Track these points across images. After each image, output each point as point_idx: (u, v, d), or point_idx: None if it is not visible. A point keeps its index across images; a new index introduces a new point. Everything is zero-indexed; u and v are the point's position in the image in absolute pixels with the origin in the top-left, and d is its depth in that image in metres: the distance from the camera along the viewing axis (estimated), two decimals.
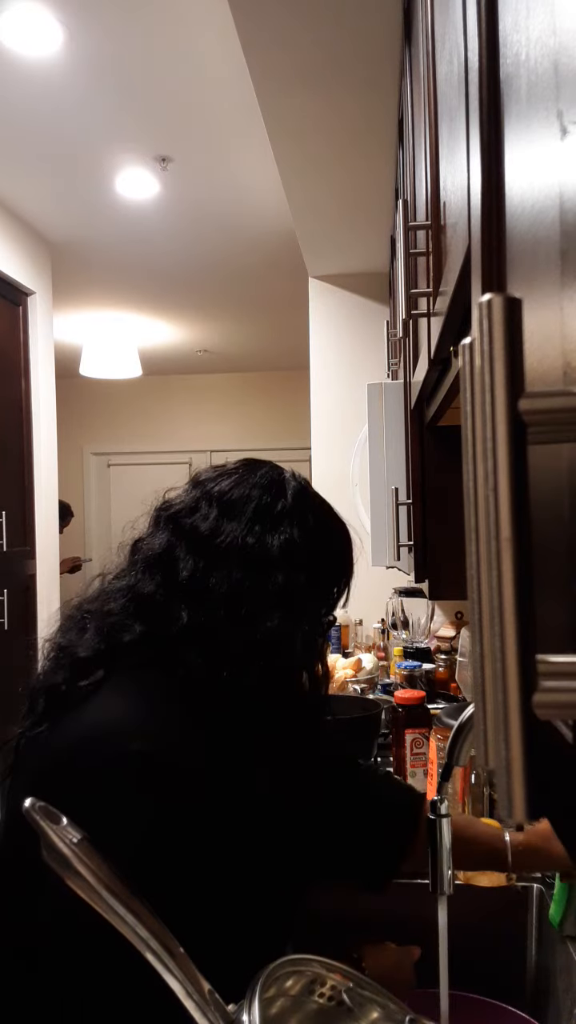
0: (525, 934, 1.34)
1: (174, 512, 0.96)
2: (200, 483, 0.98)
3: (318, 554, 0.96)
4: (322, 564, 0.97)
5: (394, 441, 1.92)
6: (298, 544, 0.92)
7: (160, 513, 0.98)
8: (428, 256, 0.98)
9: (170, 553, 0.93)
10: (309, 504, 0.98)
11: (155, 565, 0.93)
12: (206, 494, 0.96)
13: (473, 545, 0.24)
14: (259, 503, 0.94)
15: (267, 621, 0.88)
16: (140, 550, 0.97)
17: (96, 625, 0.92)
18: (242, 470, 0.99)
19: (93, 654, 0.90)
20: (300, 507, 0.96)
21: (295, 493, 0.97)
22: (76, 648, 0.91)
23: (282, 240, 3.72)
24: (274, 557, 0.90)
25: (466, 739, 1.05)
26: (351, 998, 0.80)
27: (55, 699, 0.88)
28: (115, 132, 2.86)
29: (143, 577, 0.93)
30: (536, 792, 0.23)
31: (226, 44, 2.26)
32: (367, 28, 1.82)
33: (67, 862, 0.69)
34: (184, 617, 0.88)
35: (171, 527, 0.95)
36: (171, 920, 0.70)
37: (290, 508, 0.95)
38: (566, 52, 0.31)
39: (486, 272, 0.47)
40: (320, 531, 0.97)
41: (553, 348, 0.32)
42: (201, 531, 0.92)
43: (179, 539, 0.93)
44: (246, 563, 0.90)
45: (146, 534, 0.99)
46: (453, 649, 2.48)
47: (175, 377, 6.92)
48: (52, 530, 3.97)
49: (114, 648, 0.90)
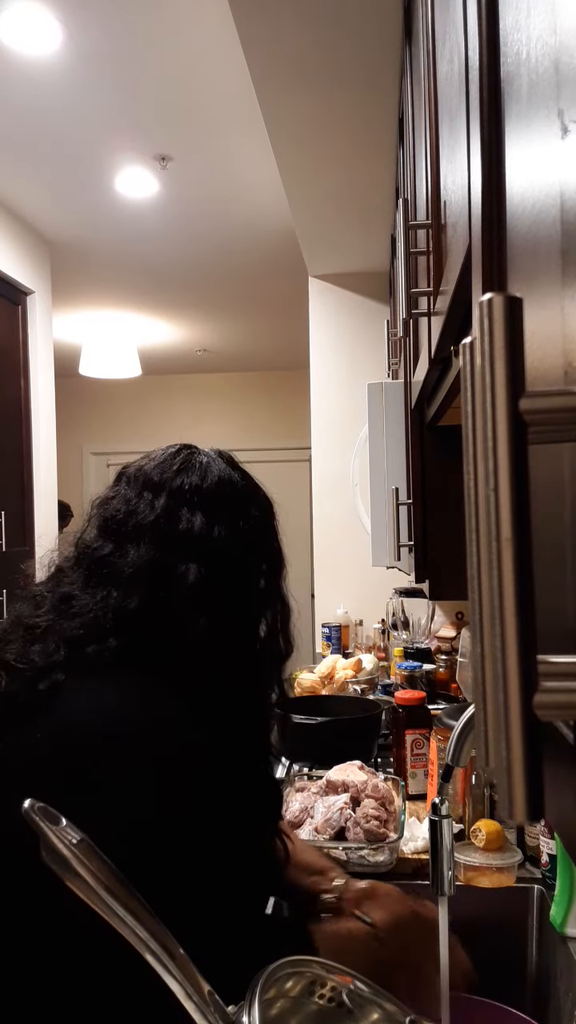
0: (526, 935, 1.34)
1: (100, 501, 1.00)
2: (122, 477, 1.03)
3: (230, 524, 0.96)
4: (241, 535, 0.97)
5: (394, 441, 1.92)
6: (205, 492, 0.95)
7: (92, 504, 1.02)
8: (429, 255, 0.98)
9: (98, 543, 0.95)
10: (215, 475, 0.99)
11: (81, 558, 0.95)
12: (124, 478, 1.01)
13: (473, 545, 0.24)
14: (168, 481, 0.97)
15: (190, 574, 0.90)
16: (78, 545, 0.98)
17: (53, 640, 0.90)
18: (151, 456, 1.02)
19: (49, 664, 0.88)
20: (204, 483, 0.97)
21: (202, 467, 0.99)
22: (31, 654, 0.89)
23: (282, 239, 3.72)
24: (183, 535, 0.92)
25: (467, 740, 1.05)
26: (351, 999, 0.80)
27: (13, 708, 0.86)
28: (114, 131, 2.86)
29: (71, 575, 0.95)
30: (537, 792, 0.23)
31: (226, 43, 2.26)
32: (367, 28, 1.82)
33: (66, 863, 0.68)
34: (114, 594, 0.89)
35: (97, 517, 0.98)
36: (171, 921, 0.70)
37: (194, 485, 0.96)
38: (567, 51, 0.31)
39: (487, 271, 0.47)
40: (228, 501, 0.98)
41: (554, 347, 0.32)
42: (119, 516, 0.95)
43: (103, 527, 0.96)
44: (157, 542, 0.92)
45: (81, 529, 1.01)
46: (454, 649, 2.48)
47: (175, 377, 6.91)
48: (52, 530, 3.96)
49: (72, 656, 0.88)
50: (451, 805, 1.23)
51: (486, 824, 1.38)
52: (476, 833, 1.38)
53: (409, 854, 1.42)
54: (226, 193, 3.35)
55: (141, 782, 0.82)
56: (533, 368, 0.34)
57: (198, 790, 0.85)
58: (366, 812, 1.43)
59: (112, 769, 0.81)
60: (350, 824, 1.42)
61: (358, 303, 3.73)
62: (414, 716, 1.73)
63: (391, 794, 1.52)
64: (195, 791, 0.84)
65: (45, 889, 0.72)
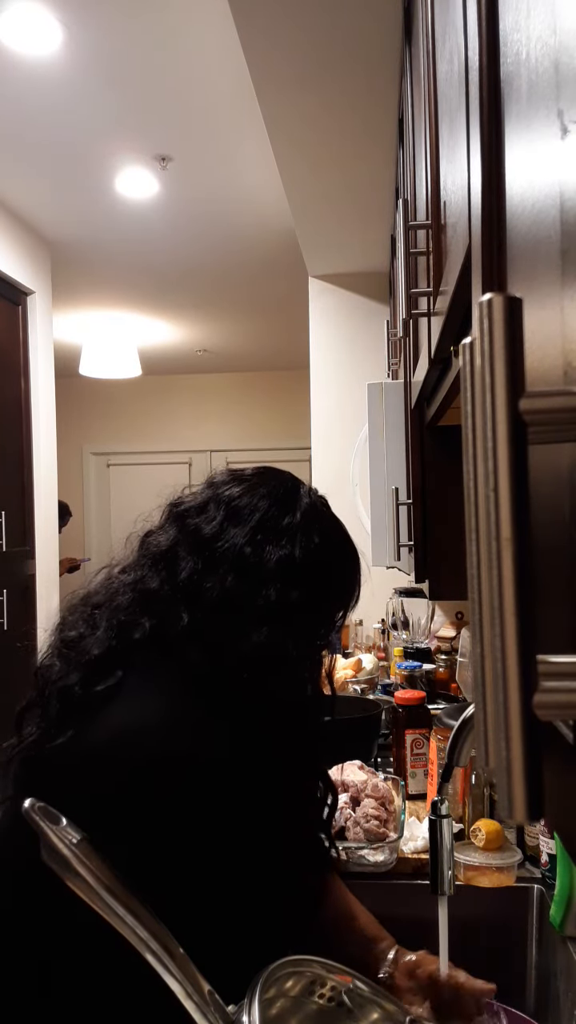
0: (526, 935, 1.34)
1: (183, 510, 0.96)
2: (213, 484, 0.98)
3: (319, 575, 0.94)
4: (322, 585, 0.95)
5: (394, 441, 1.92)
6: (297, 561, 0.91)
7: (171, 509, 0.98)
8: (428, 255, 0.98)
9: (174, 551, 0.93)
10: (318, 523, 0.96)
11: (160, 561, 0.93)
12: (216, 496, 0.95)
13: (473, 545, 0.24)
14: (265, 514, 0.93)
15: (254, 634, 0.87)
16: (148, 544, 0.97)
17: (107, 620, 0.91)
18: (256, 478, 0.98)
19: (106, 652, 0.88)
20: (308, 525, 0.94)
21: (306, 510, 0.96)
22: (88, 644, 0.90)
23: (282, 240, 3.72)
24: (269, 570, 0.90)
25: (466, 739, 1.05)
26: (351, 999, 0.80)
27: (70, 704, 0.86)
28: (115, 131, 2.86)
29: (149, 573, 0.93)
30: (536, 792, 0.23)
31: (226, 43, 2.26)
32: (367, 28, 1.82)
33: (67, 863, 0.68)
34: (184, 618, 0.88)
35: (178, 525, 0.95)
36: (171, 921, 0.70)
37: (297, 524, 0.94)
38: (566, 51, 0.31)
39: (486, 271, 0.47)
40: (325, 552, 0.95)
41: (553, 348, 0.32)
42: (204, 532, 0.92)
43: (183, 538, 0.93)
44: (240, 571, 0.89)
45: (156, 528, 0.98)
46: (453, 649, 2.48)
47: (175, 377, 6.91)
48: (51, 530, 3.96)
49: (126, 646, 0.89)
50: (451, 805, 1.23)
51: (486, 824, 1.38)
52: (476, 833, 1.38)
53: (409, 854, 1.42)
54: (226, 193, 3.35)
55: (182, 793, 0.80)
56: (533, 368, 0.34)
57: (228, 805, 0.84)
58: (366, 812, 1.43)
59: (161, 779, 0.80)
60: (350, 824, 1.42)
61: (358, 303, 3.73)
62: (414, 716, 1.73)
63: (391, 794, 1.52)
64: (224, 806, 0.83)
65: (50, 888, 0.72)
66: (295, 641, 0.91)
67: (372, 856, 1.39)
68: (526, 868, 1.37)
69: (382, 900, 1.22)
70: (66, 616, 0.96)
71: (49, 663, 0.92)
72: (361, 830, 1.41)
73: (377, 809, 1.44)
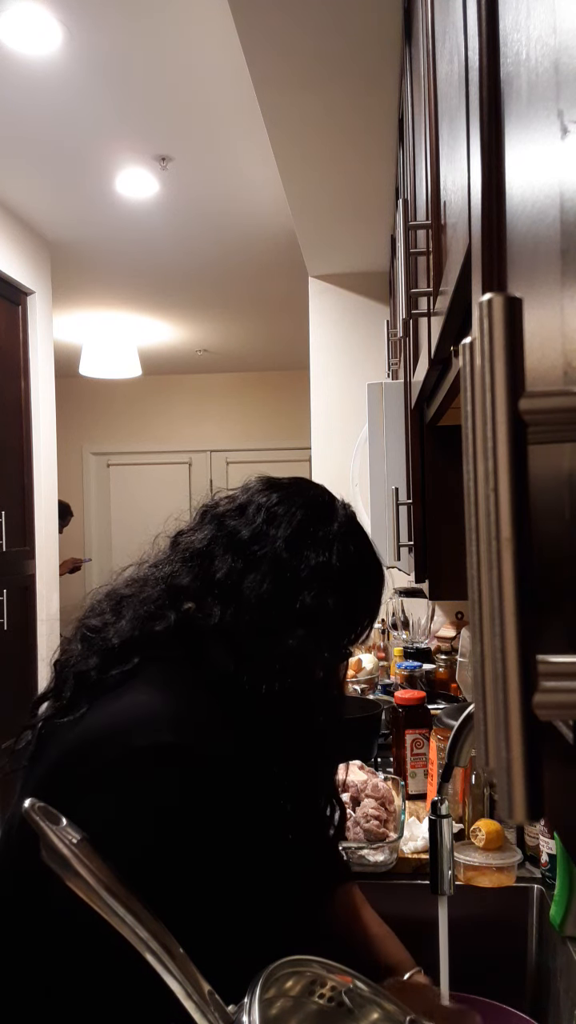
0: (525, 934, 1.34)
1: (221, 512, 0.98)
2: (249, 490, 1.00)
3: (351, 585, 0.96)
4: (353, 595, 0.97)
5: (394, 441, 1.92)
6: (334, 570, 0.93)
7: (207, 510, 1.00)
8: (428, 255, 0.98)
9: (210, 550, 0.94)
10: (354, 535, 0.98)
11: (194, 559, 0.95)
12: (254, 501, 0.97)
13: (473, 545, 0.24)
14: (305, 520, 0.94)
15: (289, 637, 0.89)
16: (181, 543, 0.98)
17: (133, 611, 0.92)
18: (292, 487, 1.00)
19: (128, 640, 0.90)
20: (344, 535, 0.96)
21: (344, 521, 0.98)
22: (108, 632, 0.91)
23: (282, 240, 3.72)
24: (307, 576, 0.91)
25: (466, 739, 1.05)
26: (351, 999, 0.80)
27: (84, 686, 0.88)
28: (115, 131, 2.86)
29: (181, 568, 0.94)
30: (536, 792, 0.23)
31: (226, 44, 2.26)
32: (367, 28, 1.82)
33: (67, 863, 0.68)
34: (215, 615, 0.89)
35: (215, 525, 0.96)
36: (171, 921, 0.70)
37: (335, 533, 0.95)
38: (566, 52, 0.31)
39: (486, 271, 0.47)
40: (358, 563, 0.98)
41: (553, 348, 0.32)
42: (243, 535, 0.93)
43: (221, 538, 0.95)
44: (279, 575, 0.90)
45: (189, 528, 1.00)
46: (453, 649, 2.48)
47: (175, 377, 6.91)
48: (52, 530, 3.96)
49: (147, 636, 0.90)
50: (451, 805, 1.23)
51: (486, 824, 1.38)
52: (476, 833, 1.38)
53: (409, 854, 1.42)
54: (226, 193, 3.34)
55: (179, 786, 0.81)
56: (533, 368, 0.34)
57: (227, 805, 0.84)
58: (366, 812, 1.43)
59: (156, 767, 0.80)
60: (350, 824, 1.42)
61: (358, 303, 3.73)
62: (414, 716, 1.73)
63: (391, 794, 1.52)
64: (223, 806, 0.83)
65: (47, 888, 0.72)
66: (327, 646, 0.93)
67: (372, 856, 1.39)
68: (526, 868, 1.37)
69: (382, 900, 1.22)
70: (92, 605, 0.98)
71: (69, 647, 0.94)
72: (361, 830, 1.41)
73: (377, 809, 1.45)
